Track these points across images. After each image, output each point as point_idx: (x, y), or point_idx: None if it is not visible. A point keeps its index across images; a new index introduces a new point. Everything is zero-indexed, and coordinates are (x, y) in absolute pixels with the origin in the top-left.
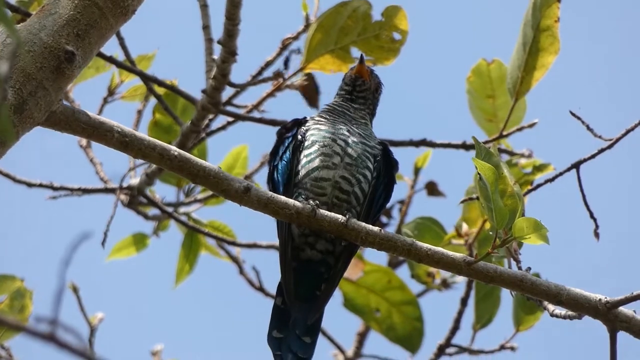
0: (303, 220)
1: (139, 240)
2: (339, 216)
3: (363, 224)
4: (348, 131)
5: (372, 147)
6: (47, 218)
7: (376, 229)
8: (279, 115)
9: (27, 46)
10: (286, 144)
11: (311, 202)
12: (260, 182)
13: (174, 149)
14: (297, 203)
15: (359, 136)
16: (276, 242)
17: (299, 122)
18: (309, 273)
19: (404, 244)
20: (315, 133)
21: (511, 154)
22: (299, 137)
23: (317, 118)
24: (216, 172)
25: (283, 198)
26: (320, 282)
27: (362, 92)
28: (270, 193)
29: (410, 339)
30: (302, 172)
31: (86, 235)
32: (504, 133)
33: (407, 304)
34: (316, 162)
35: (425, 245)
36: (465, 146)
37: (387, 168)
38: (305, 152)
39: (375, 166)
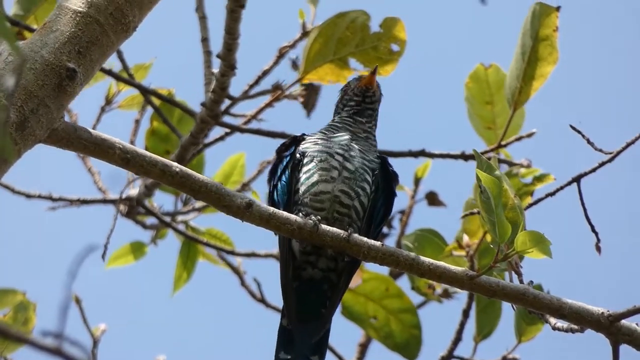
0: (305, 235)
1: (137, 249)
2: (341, 231)
3: (365, 239)
4: (346, 145)
5: (370, 161)
6: (46, 229)
7: (378, 243)
8: (277, 125)
9: (28, 63)
10: (284, 163)
11: (313, 217)
12: (258, 189)
13: (176, 165)
14: (299, 218)
15: (357, 150)
16: (275, 250)
17: (297, 140)
18: (311, 292)
19: (406, 259)
20: (313, 148)
21: (510, 163)
22: (297, 155)
23: (315, 134)
24: (218, 188)
25: (285, 213)
26: (324, 300)
27: (371, 104)
28: (272, 209)
29: (409, 347)
30: (302, 189)
31: (91, 248)
32: (503, 143)
33: (405, 311)
34: (315, 177)
35: (428, 260)
36: (464, 156)
37: (386, 181)
38: (304, 168)
39: (373, 180)
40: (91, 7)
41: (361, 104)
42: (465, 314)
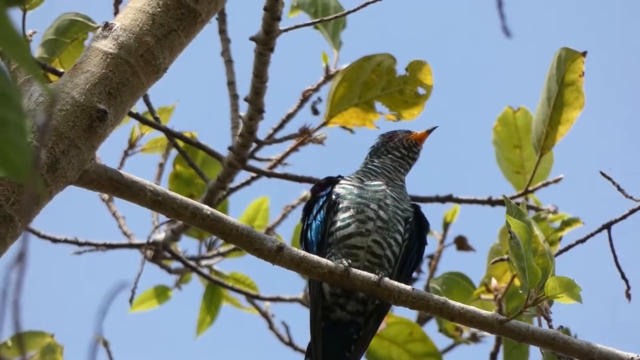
0: (336, 279)
1: (161, 293)
2: (372, 275)
3: (395, 282)
4: (382, 193)
5: (403, 210)
6: (72, 273)
7: (409, 287)
8: (301, 167)
9: (59, 105)
10: (320, 203)
11: (344, 261)
12: (282, 234)
13: (207, 207)
14: (330, 262)
15: (392, 199)
16: (300, 295)
17: (333, 181)
18: (338, 334)
19: (436, 303)
20: (349, 197)
21: (536, 209)
22: (333, 197)
23: (352, 178)
24: (249, 231)
25: (316, 257)
26: (350, 344)
27: (413, 160)
28: (303, 252)
29: None
30: (336, 235)
31: (122, 285)
32: (530, 188)
33: (429, 356)
34: (350, 229)
35: (458, 304)
36: (491, 202)
37: (419, 230)
38: (340, 215)
39: (407, 228)
40: (122, 48)
41: (405, 157)
42: (493, 357)
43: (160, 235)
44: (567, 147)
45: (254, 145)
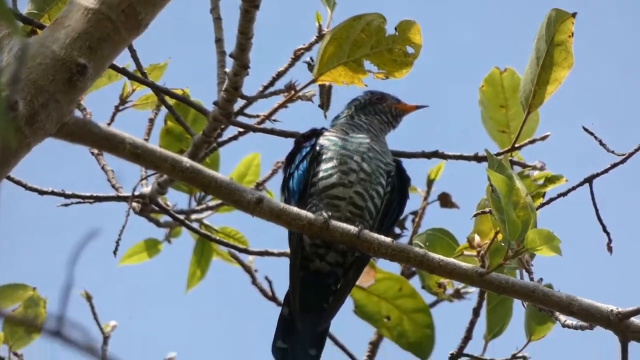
0: (315, 231)
1: (152, 246)
2: (352, 227)
3: (375, 235)
4: (366, 146)
5: (386, 164)
6: (58, 225)
7: (388, 239)
8: (290, 125)
9: (39, 58)
10: (303, 153)
11: (324, 213)
12: (272, 189)
13: (186, 160)
14: (310, 214)
15: (374, 152)
16: (288, 249)
17: (317, 133)
18: (316, 284)
19: (416, 255)
20: (333, 148)
21: (523, 166)
22: (317, 148)
23: (337, 130)
24: (228, 183)
25: (295, 209)
26: (328, 294)
27: (393, 129)
28: (283, 204)
29: (421, 346)
30: (319, 186)
31: (94, 232)
32: (516, 145)
33: (418, 311)
34: (333, 179)
35: (437, 256)
36: (477, 158)
37: (400, 184)
38: (323, 166)
39: (389, 182)
40: (103, 4)
41: (389, 123)
42: (476, 312)
43: (147, 189)
44: (554, 107)
45: (241, 101)
